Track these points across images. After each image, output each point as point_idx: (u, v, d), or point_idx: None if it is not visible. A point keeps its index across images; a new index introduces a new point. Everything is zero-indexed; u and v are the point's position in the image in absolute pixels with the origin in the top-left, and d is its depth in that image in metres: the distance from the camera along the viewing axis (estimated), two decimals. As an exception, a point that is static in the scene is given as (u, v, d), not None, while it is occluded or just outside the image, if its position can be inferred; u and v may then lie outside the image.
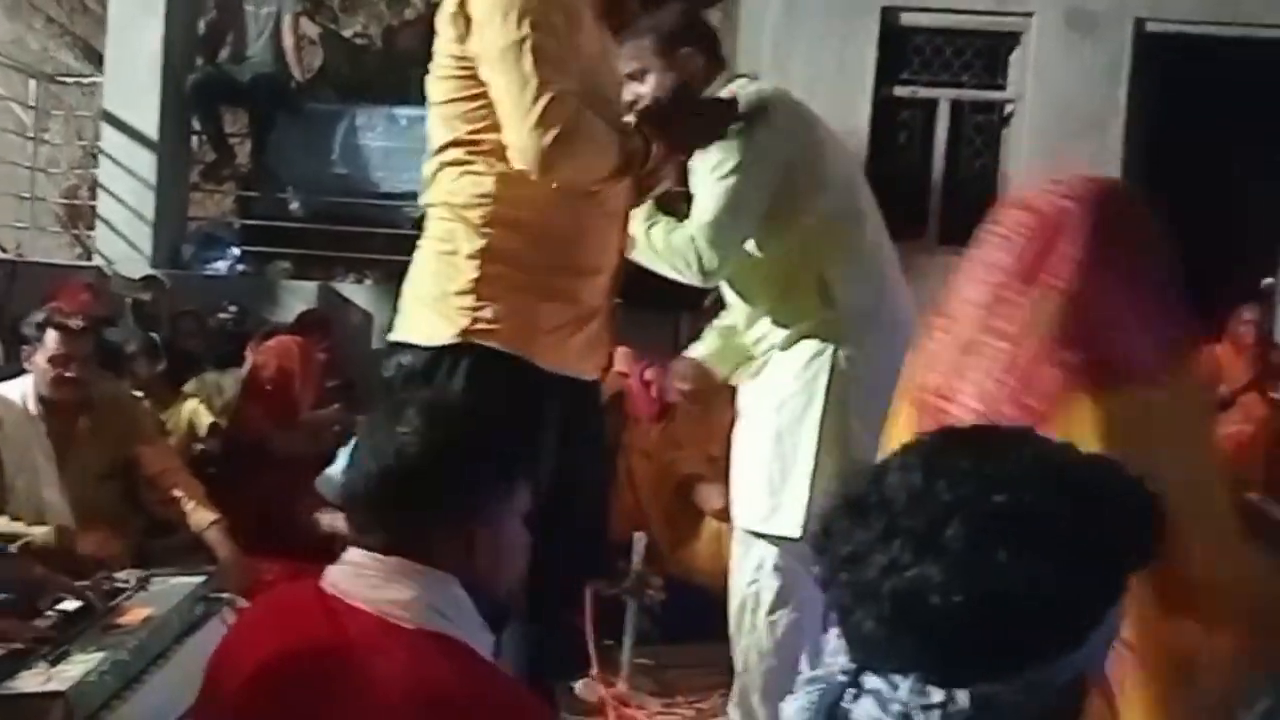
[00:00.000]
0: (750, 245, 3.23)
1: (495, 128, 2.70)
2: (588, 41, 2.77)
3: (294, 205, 8.59)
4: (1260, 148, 8.40)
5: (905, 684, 1.18)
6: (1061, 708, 1.20)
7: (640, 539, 4.41)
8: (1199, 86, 7.95)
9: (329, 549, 2.26)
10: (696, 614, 4.15)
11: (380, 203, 8.36)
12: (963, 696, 1.16)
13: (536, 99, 2.60)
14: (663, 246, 3.16)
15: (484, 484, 1.85)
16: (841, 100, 7.79)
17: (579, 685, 4.11)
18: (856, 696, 1.20)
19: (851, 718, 1.20)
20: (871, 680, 1.20)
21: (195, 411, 5.51)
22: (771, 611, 3.27)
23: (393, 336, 2.85)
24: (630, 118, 2.94)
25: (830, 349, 3.21)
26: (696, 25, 3.29)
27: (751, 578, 3.31)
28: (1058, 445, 1.23)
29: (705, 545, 4.96)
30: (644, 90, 3.16)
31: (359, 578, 1.80)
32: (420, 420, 1.84)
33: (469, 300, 2.73)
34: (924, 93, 8.01)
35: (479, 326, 2.72)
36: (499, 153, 2.70)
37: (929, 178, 8.03)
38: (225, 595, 3.65)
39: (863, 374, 3.17)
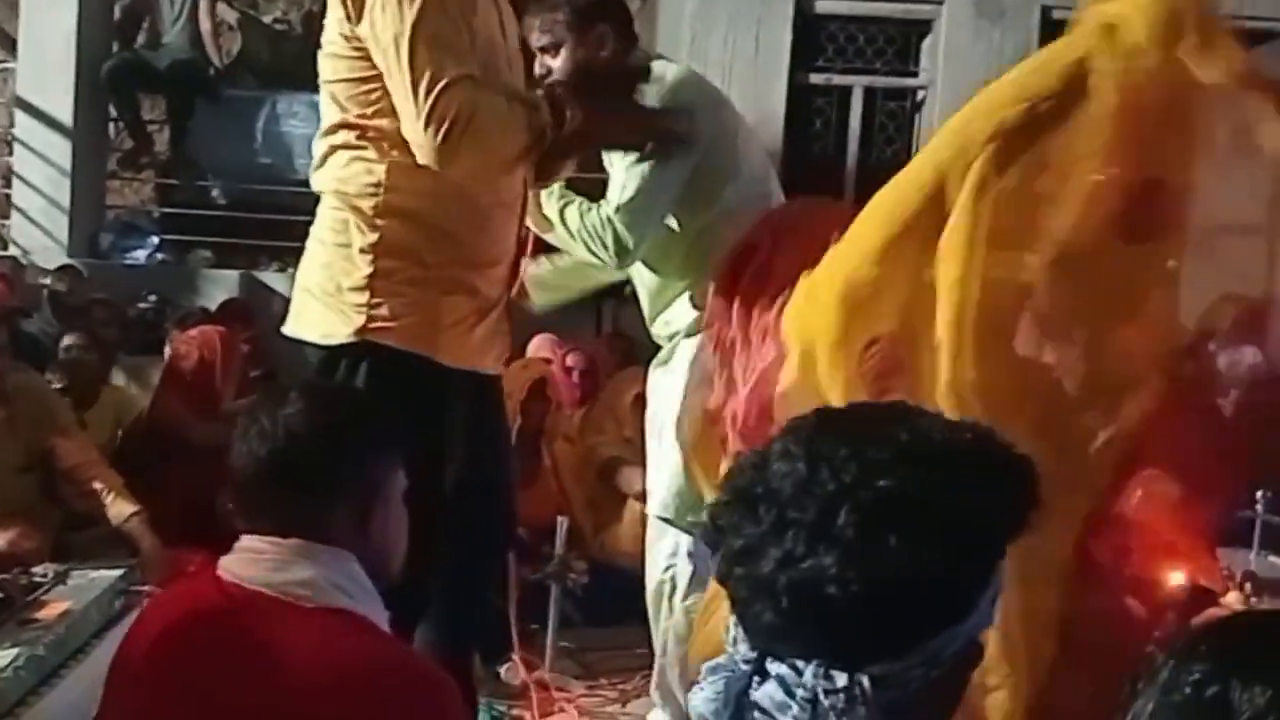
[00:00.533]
0: (667, 226, 3.21)
1: (387, 112, 2.60)
2: (484, 21, 2.68)
3: (215, 193, 8.46)
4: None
5: (809, 669, 1.19)
6: (957, 670, 1.23)
7: (563, 523, 4.38)
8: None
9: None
10: (620, 596, 4.13)
11: (303, 190, 8.14)
12: (865, 680, 1.18)
13: (431, 90, 2.50)
14: (577, 227, 3.12)
15: (373, 460, 1.85)
16: (758, 87, 7.80)
17: (503, 670, 4.08)
18: (761, 683, 1.21)
19: (758, 704, 1.21)
20: (775, 666, 1.21)
21: (119, 403, 5.39)
22: (687, 597, 3.27)
23: (287, 331, 2.76)
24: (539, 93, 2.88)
25: None
26: (611, 1, 3.24)
27: (666, 564, 3.30)
28: (931, 420, 1.26)
29: (627, 528, 4.94)
30: (555, 64, 3.11)
31: (256, 563, 1.79)
32: (305, 401, 1.85)
33: (364, 297, 2.64)
34: (838, 79, 8.03)
35: (376, 325, 2.63)
36: (391, 139, 2.61)
37: (844, 163, 8.06)
38: (146, 588, 3.57)
39: None
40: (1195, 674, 0.86)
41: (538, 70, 3.11)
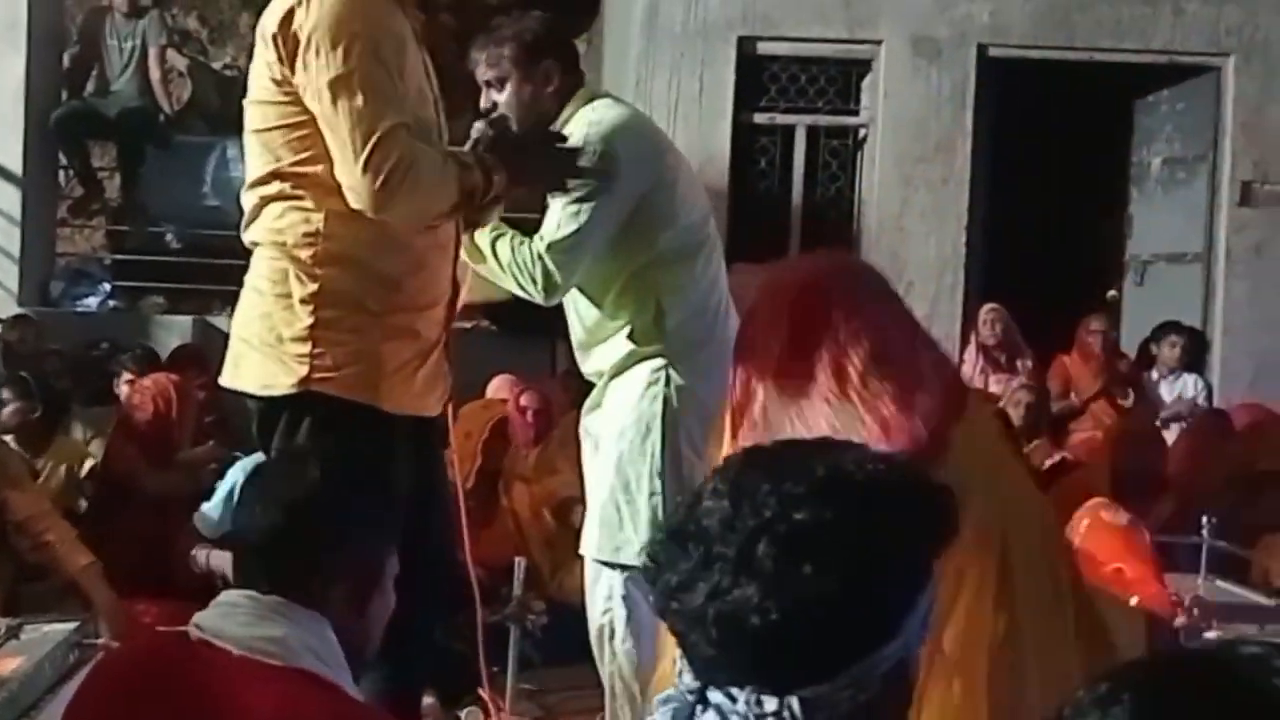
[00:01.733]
0: (603, 266, 3.17)
1: (321, 158, 2.56)
2: (413, 68, 2.65)
3: (166, 238, 8.36)
4: (1100, 164, 8.60)
5: (742, 695, 1.23)
6: (889, 692, 1.25)
7: (520, 564, 4.32)
8: (1040, 107, 8.11)
9: (208, 587, 2.17)
10: (579, 636, 4.06)
11: (253, 235, 8.15)
12: (794, 702, 1.21)
13: (369, 137, 2.47)
14: (508, 260, 3.08)
15: (381, 541, 1.84)
16: (703, 127, 7.80)
17: (464, 714, 4.01)
18: (704, 711, 1.25)
19: None
20: (714, 695, 1.24)
21: (74, 454, 5.27)
22: (625, 640, 3.21)
23: (224, 382, 2.70)
24: (480, 125, 2.83)
25: (662, 379, 3.18)
26: (557, 36, 3.20)
27: (604, 607, 3.25)
28: (850, 453, 1.31)
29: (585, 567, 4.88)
30: (500, 99, 3.08)
31: (230, 617, 1.76)
32: (294, 467, 1.83)
33: (306, 347, 2.58)
34: (781, 119, 8.05)
35: (319, 375, 2.58)
36: (326, 186, 2.56)
37: (789, 201, 8.07)
38: (101, 641, 3.48)
39: (695, 403, 3.15)
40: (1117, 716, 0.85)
41: (483, 104, 3.07)
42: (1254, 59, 7.93)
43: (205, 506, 4.32)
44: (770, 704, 1.21)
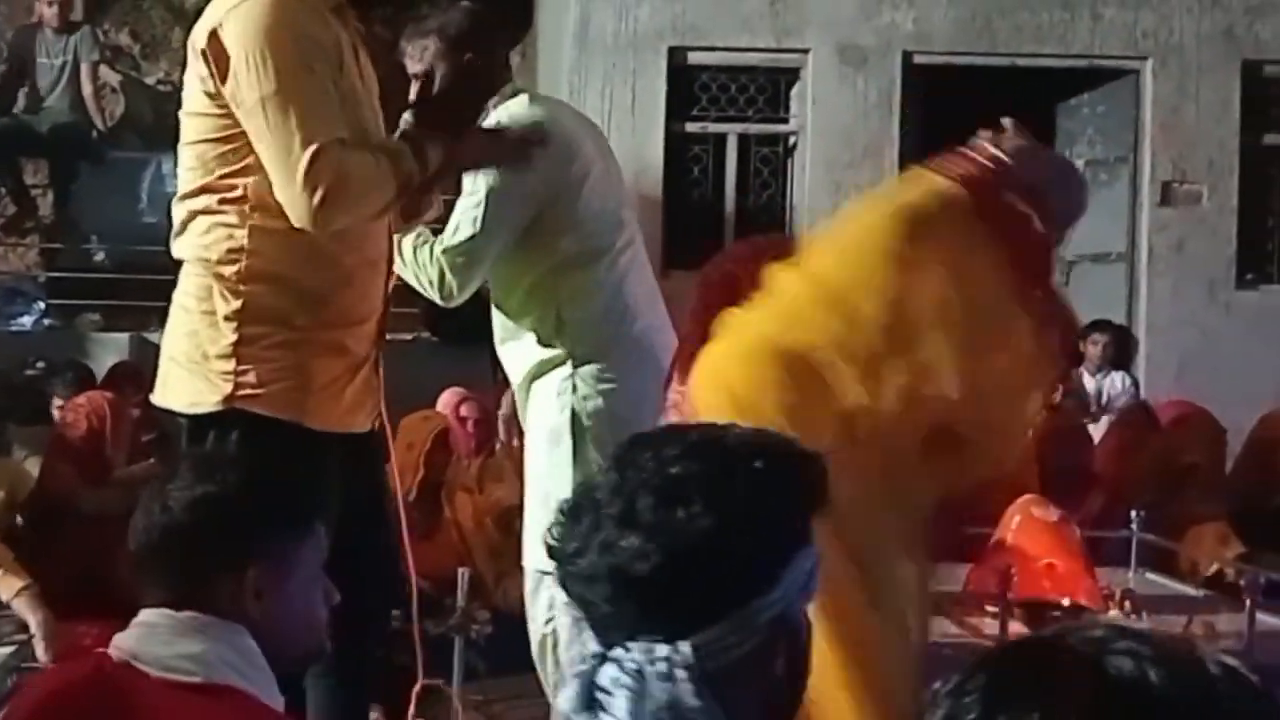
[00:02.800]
0: (508, 269, 3.14)
1: (251, 172, 2.52)
2: (347, 72, 2.61)
3: (100, 256, 8.23)
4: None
5: (636, 646, 1.29)
6: (773, 643, 1.32)
7: (464, 574, 4.28)
8: (965, 113, 8.17)
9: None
10: (524, 645, 4.04)
11: (189, 250, 8.04)
12: (684, 646, 1.28)
13: (301, 156, 2.44)
14: (409, 258, 3.05)
15: (266, 533, 1.81)
16: (636, 136, 7.81)
17: (409, 726, 3.97)
18: (602, 669, 1.31)
19: (601, 687, 1.30)
20: (614, 651, 1.31)
21: (12, 476, 5.16)
22: (569, 648, 3.18)
23: (155, 400, 2.65)
24: (406, 117, 2.79)
25: (569, 388, 3.15)
26: (481, 31, 3.15)
27: (546, 617, 3.22)
28: (723, 425, 1.41)
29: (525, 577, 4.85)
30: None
31: (149, 637, 1.74)
32: (188, 476, 1.81)
33: (231, 364, 2.55)
34: (713, 128, 8.07)
35: (244, 392, 2.54)
36: (253, 201, 2.53)
37: (722, 208, 8.09)
38: (39, 664, 3.40)
39: (603, 413, 3.11)
40: (968, 708, 0.86)
41: (412, 95, 3.02)
42: (1170, 61, 8.05)
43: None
44: (661, 650, 1.28)
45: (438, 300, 3.07)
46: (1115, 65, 8.14)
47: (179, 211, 2.63)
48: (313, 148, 2.44)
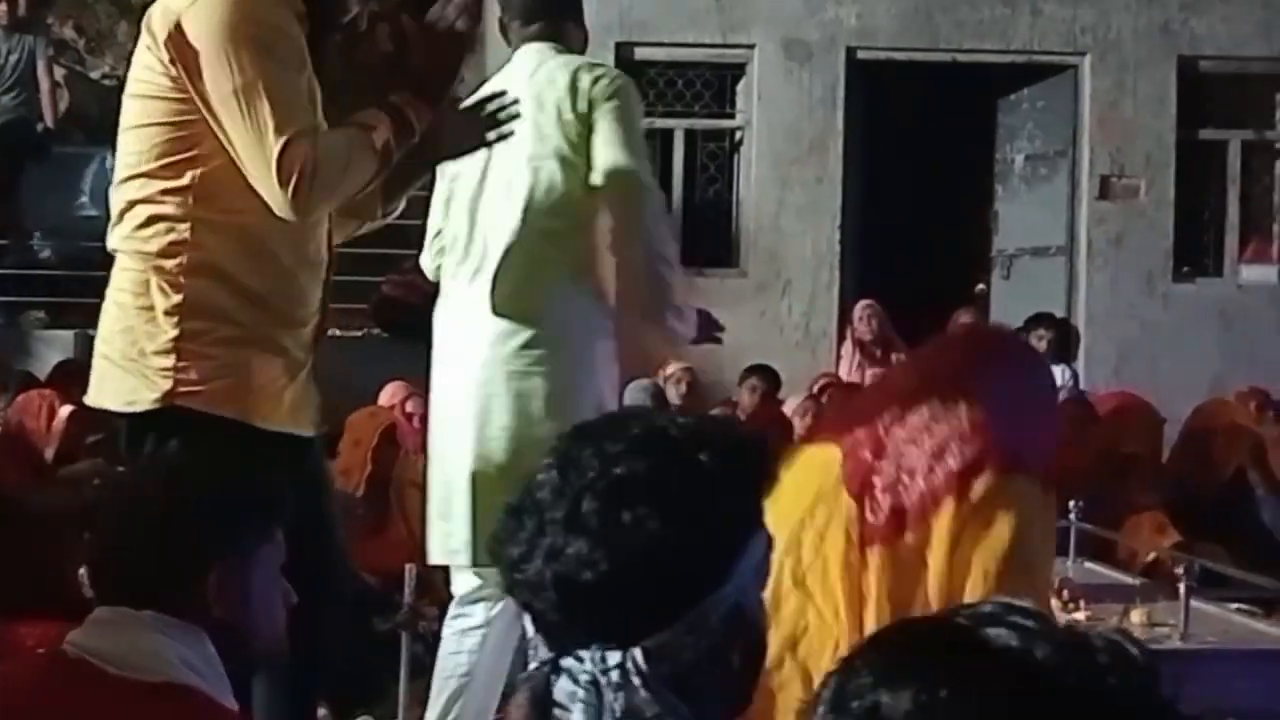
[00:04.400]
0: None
1: (198, 161, 2.47)
2: (309, 70, 2.56)
3: (45, 253, 8.12)
4: (965, 161, 8.74)
5: (589, 655, 1.25)
6: (731, 638, 1.28)
7: (411, 570, 4.25)
8: (908, 107, 8.23)
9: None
10: (471, 639, 4.03)
11: (134, 246, 7.95)
12: (637, 652, 1.23)
13: (275, 145, 2.39)
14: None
15: (224, 534, 1.78)
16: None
17: (358, 723, 3.95)
18: (557, 680, 1.27)
19: (557, 701, 1.26)
20: (565, 661, 1.26)
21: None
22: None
23: (89, 401, 2.59)
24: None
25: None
26: None
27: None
28: (666, 416, 1.37)
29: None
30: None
31: (104, 634, 1.71)
32: (147, 476, 1.82)
33: (170, 360, 2.46)
34: (660, 123, 8.06)
35: (184, 389, 2.46)
36: (197, 192, 2.47)
37: (669, 203, 8.07)
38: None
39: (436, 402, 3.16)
40: (854, 688, 0.87)
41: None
42: (1108, 57, 8.13)
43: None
44: (614, 658, 1.24)
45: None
46: (1054, 60, 8.21)
47: (116, 199, 2.56)
48: (286, 136, 2.40)
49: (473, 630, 3.12)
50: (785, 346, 7.75)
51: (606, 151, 3.01)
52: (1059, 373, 7.44)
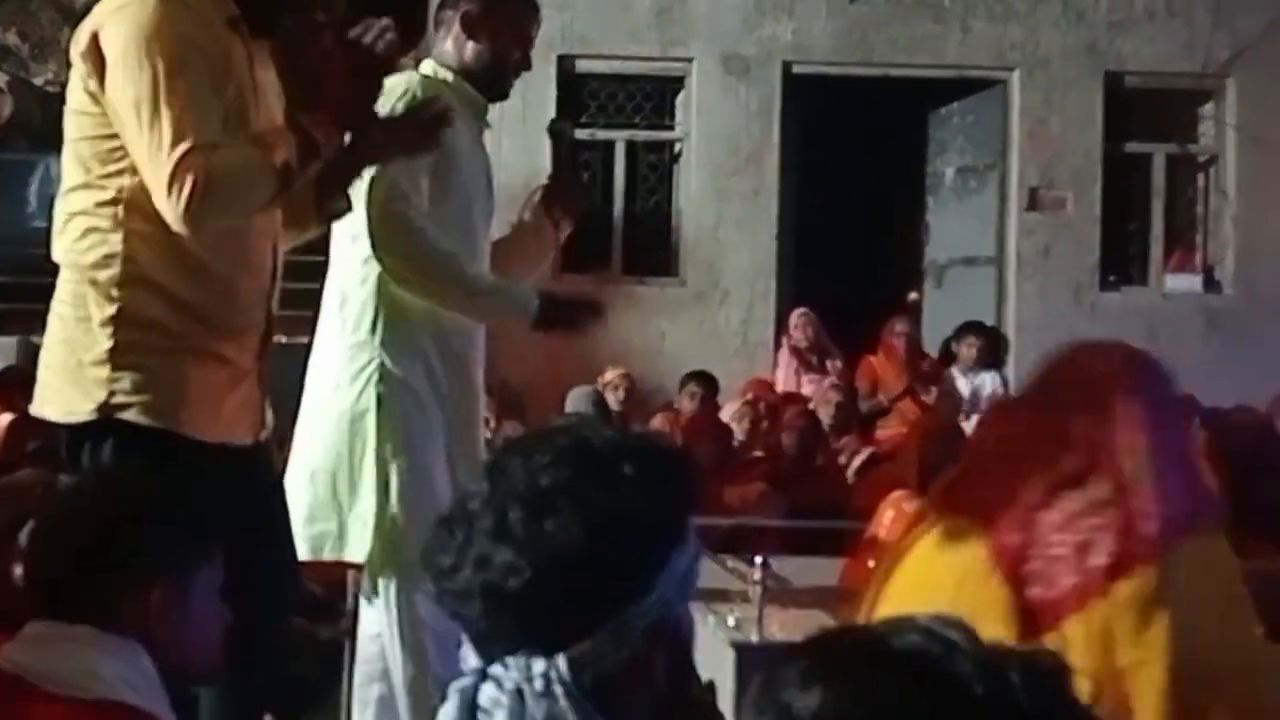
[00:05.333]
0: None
1: (127, 173, 2.45)
2: (238, 70, 2.54)
3: (-16, 261, 8.00)
4: (898, 173, 8.84)
5: (515, 663, 1.26)
6: (652, 647, 1.29)
7: (355, 577, 4.24)
8: (842, 121, 8.31)
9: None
10: (414, 645, 4.02)
11: (78, 254, 7.85)
12: (561, 661, 1.25)
13: (170, 157, 2.36)
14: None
15: (165, 549, 1.76)
16: (527, 142, 7.77)
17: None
18: (484, 686, 1.28)
19: (482, 706, 1.28)
20: (494, 669, 1.28)
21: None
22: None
23: (33, 411, 2.58)
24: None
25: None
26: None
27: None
28: (592, 428, 1.36)
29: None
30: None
31: (39, 650, 1.69)
32: (93, 488, 1.79)
33: (105, 371, 2.44)
34: (601, 134, 8.10)
35: (119, 400, 2.44)
36: (130, 204, 2.45)
37: (610, 213, 8.13)
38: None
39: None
40: (773, 689, 0.91)
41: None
42: (1036, 72, 8.25)
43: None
44: (539, 665, 1.25)
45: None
46: (984, 76, 8.32)
47: (59, 211, 2.55)
48: (180, 149, 2.37)
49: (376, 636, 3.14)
50: (724, 354, 7.79)
51: None
52: (988, 380, 7.55)
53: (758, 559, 3.64)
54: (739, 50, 8.06)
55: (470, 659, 1.30)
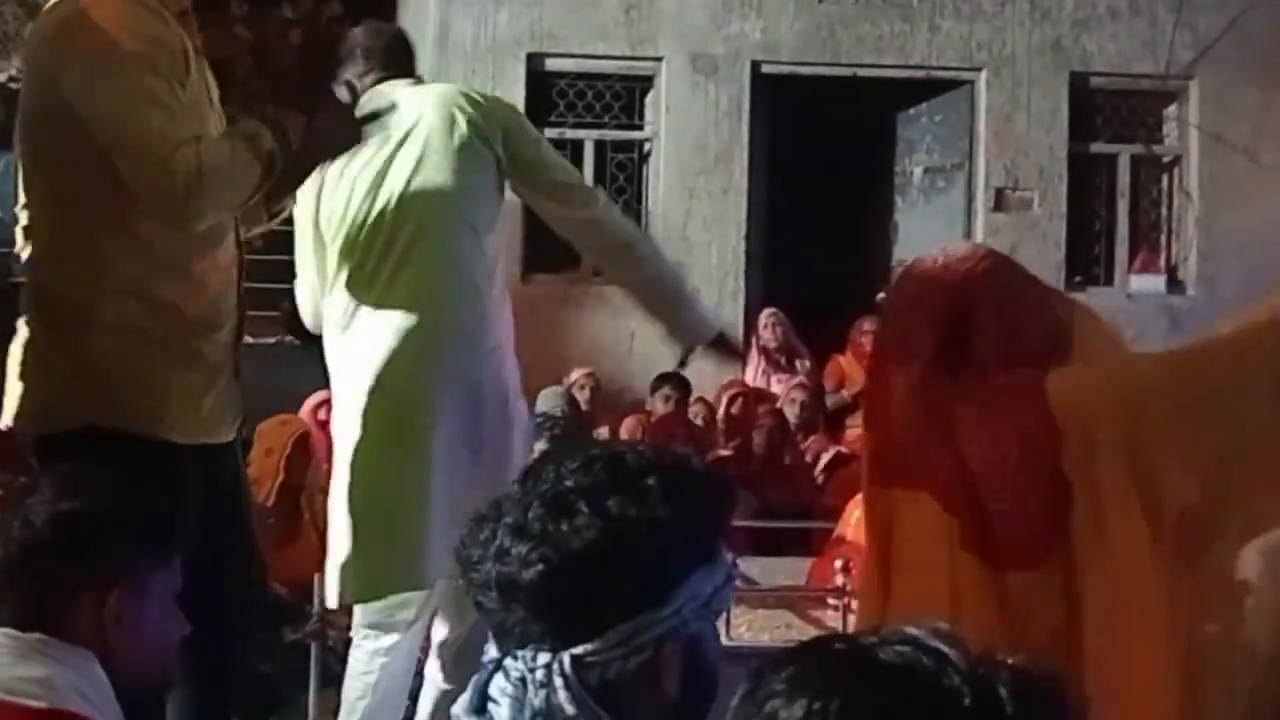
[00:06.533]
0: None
1: (100, 185, 2.44)
2: (194, 79, 2.54)
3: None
4: (867, 173, 8.86)
5: (523, 654, 1.29)
6: (663, 659, 1.29)
7: (321, 580, 4.22)
8: (810, 121, 8.32)
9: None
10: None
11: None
12: (565, 656, 1.27)
13: (160, 157, 2.37)
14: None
15: (121, 554, 1.75)
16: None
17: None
18: (496, 675, 1.31)
19: (491, 695, 1.31)
20: (507, 660, 1.31)
21: None
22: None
23: (4, 422, 2.53)
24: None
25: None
26: None
27: None
28: (625, 444, 1.42)
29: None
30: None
31: None
32: (50, 491, 1.75)
33: (84, 378, 2.45)
34: (570, 133, 8.08)
35: (98, 407, 2.44)
36: (102, 211, 2.45)
37: (580, 213, 8.09)
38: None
39: None
40: (759, 697, 0.91)
41: None
42: (1003, 72, 8.28)
43: None
44: (543, 659, 1.27)
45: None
46: (951, 76, 8.35)
47: (24, 220, 2.54)
48: (168, 147, 2.38)
49: (383, 652, 3.10)
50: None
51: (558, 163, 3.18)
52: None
53: (725, 559, 3.66)
54: (707, 49, 8.06)
55: (490, 649, 1.34)
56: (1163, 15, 8.23)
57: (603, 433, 6.40)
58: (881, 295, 8.58)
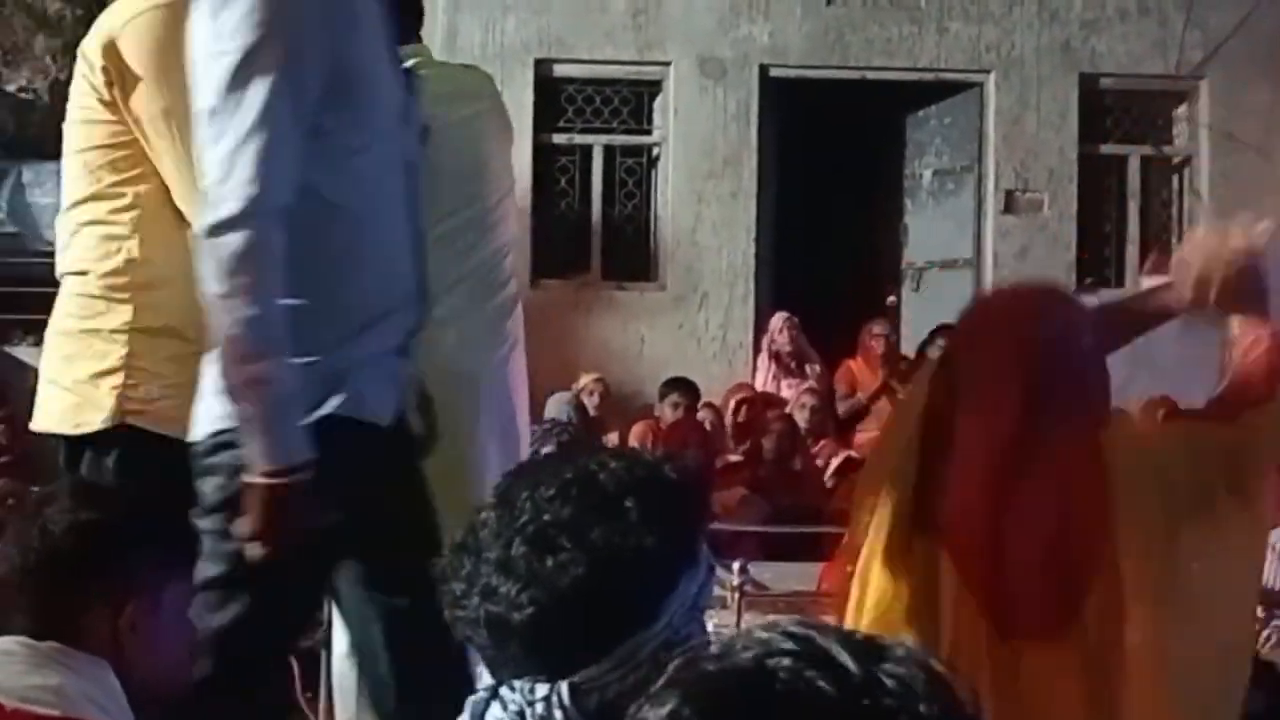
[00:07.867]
0: None
1: (141, 179, 2.45)
2: None
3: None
4: (876, 175, 8.85)
5: (520, 685, 1.29)
6: (660, 671, 1.21)
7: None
8: (819, 124, 8.31)
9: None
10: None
11: (53, 261, 7.78)
12: (563, 686, 1.28)
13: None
14: None
15: (132, 566, 1.74)
16: (503, 146, 7.76)
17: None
18: (491, 704, 1.32)
19: None
20: (503, 689, 1.31)
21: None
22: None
23: (36, 427, 2.54)
24: None
25: None
26: None
27: None
28: (598, 458, 1.37)
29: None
30: None
31: (5, 666, 1.67)
32: (69, 501, 1.75)
33: (120, 379, 2.43)
34: (579, 139, 8.08)
35: (133, 408, 2.43)
36: (145, 210, 2.45)
37: (589, 218, 8.11)
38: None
39: None
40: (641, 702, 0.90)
41: None
42: (1012, 74, 8.26)
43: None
44: (542, 690, 1.28)
45: None
46: (960, 78, 8.33)
47: (65, 223, 2.54)
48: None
49: None
50: (702, 358, 7.79)
51: None
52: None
53: (736, 564, 3.64)
54: (715, 53, 8.04)
55: (485, 676, 1.36)
56: (1172, 15, 8.21)
57: (612, 439, 6.39)
58: (891, 299, 8.60)
